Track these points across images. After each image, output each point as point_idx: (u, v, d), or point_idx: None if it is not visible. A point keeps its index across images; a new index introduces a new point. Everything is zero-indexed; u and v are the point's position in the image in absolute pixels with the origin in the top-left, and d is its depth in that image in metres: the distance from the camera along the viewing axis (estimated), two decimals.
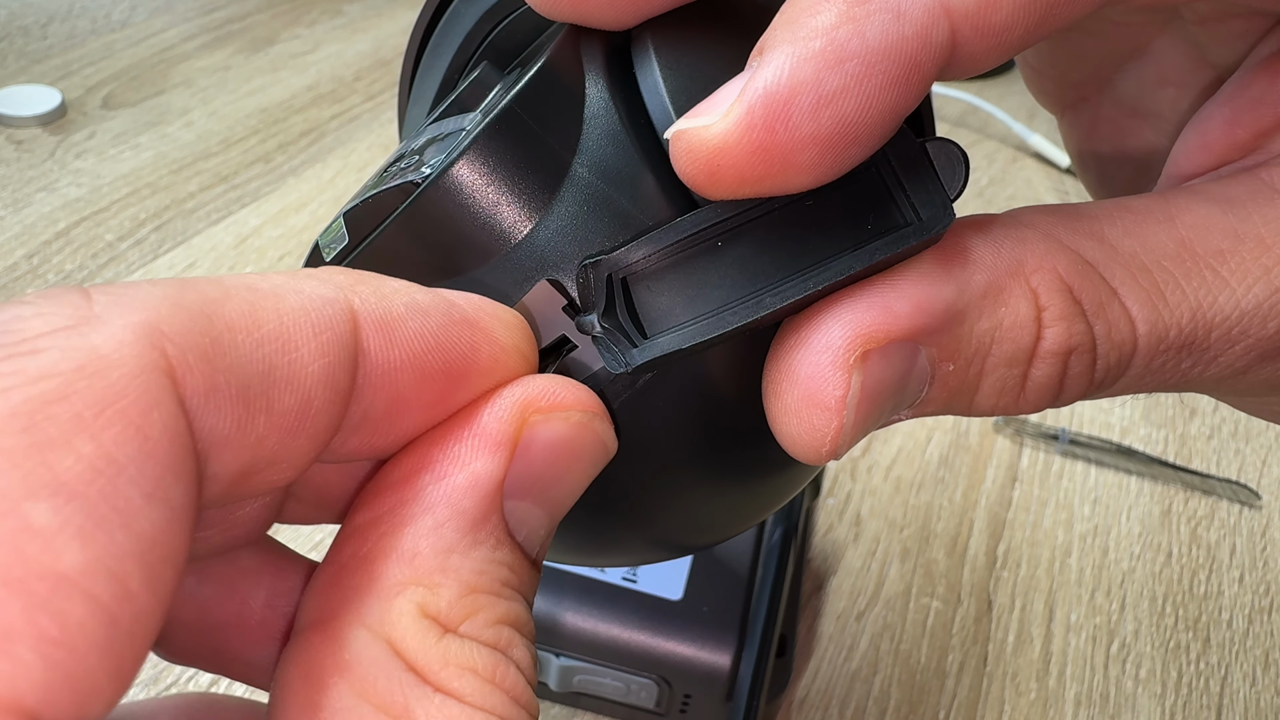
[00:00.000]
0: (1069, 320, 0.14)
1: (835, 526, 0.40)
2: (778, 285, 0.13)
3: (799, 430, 0.13)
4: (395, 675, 0.11)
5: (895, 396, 0.13)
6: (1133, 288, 0.14)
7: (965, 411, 0.14)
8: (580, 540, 0.17)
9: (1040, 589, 0.39)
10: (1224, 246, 0.14)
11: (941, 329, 0.13)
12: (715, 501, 0.17)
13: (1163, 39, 0.18)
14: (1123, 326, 0.14)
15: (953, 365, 0.14)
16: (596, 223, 0.14)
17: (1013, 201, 0.62)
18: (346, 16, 0.75)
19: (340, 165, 0.58)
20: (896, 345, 0.13)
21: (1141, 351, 0.14)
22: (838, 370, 0.13)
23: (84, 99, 0.60)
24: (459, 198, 0.14)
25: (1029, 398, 0.14)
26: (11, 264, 0.48)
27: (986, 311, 0.13)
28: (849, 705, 0.34)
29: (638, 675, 0.31)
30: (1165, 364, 0.14)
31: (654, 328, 0.13)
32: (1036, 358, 0.14)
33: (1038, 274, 0.14)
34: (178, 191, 0.54)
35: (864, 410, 0.13)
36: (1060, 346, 0.14)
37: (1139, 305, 0.14)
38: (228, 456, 0.10)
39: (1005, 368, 0.14)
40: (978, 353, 0.14)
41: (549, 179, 0.14)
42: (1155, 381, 0.15)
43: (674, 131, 0.12)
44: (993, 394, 0.14)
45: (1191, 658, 0.37)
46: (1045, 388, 0.14)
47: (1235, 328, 0.14)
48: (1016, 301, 0.14)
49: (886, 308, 0.13)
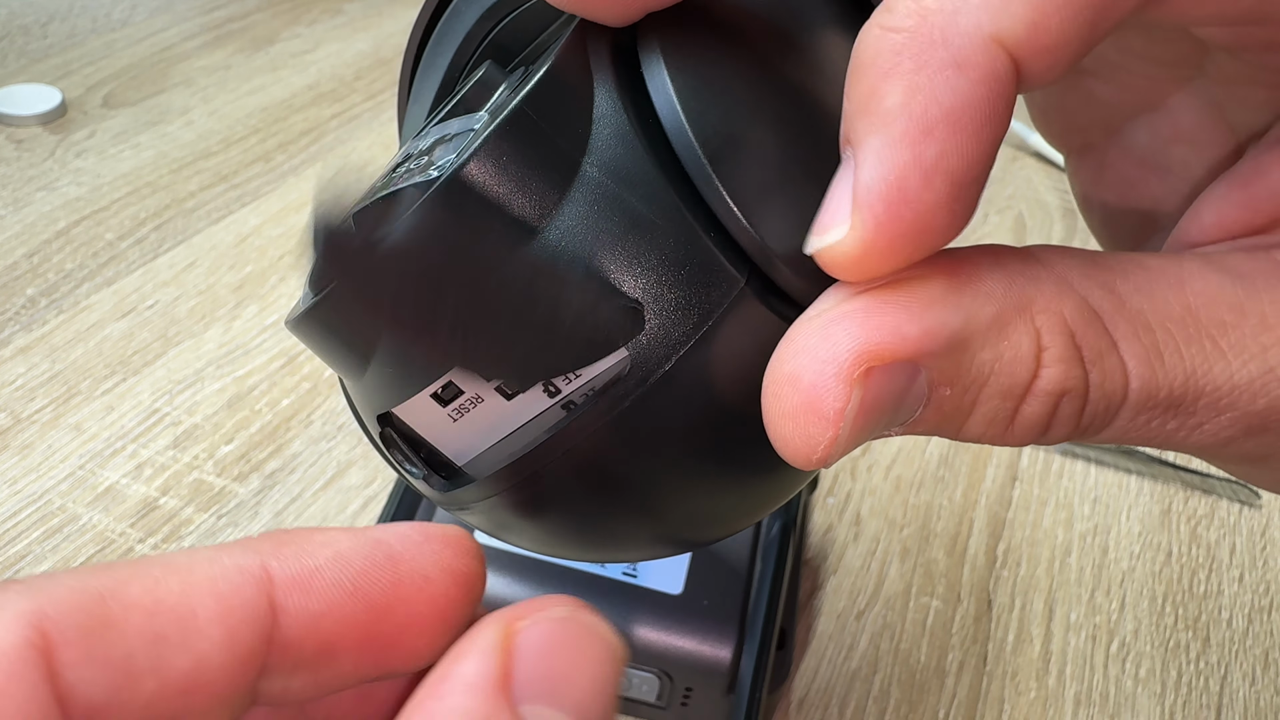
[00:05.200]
0: (1067, 364, 0.14)
1: (835, 526, 0.40)
2: None
3: (794, 436, 0.13)
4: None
5: (890, 414, 0.14)
6: (1133, 343, 0.14)
7: (952, 435, 0.15)
8: (581, 536, 0.17)
9: (1040, 588, 0.39)
10: (1227, 319, 0.14)
11: (944, 354, 0.13)
12: (717, 499, 0.17)
13: (1181, 95, 0.18)
14: (1116, 378, 0.14)
15: (949, 390, 0.14)
16: (606, 221, 0.14)
17: (1012, 201, 0.62)
18: (347, 15, 0.75)
19: (340, 165, 0.58)
20: (899, 365, 0.13)
21: (1130, 405, 0.14)
22: (840, 383, 0.13)
23: (84, 98, 0.60)
24: (469, 199, 0.14)
25: (1016, 432, 0.14)
26: (12, 263, 0.48)
27: (990, 343, 0.14)
28: (849, 704, 0.34)
29: (639, 669, 0.31)
30: (1151, 421, 0.14)
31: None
32: (1030, 395, 0.14)
33: (1044, 315, 0.14)
34: (178, 190, 0.54)
35: (859, 424, 0.13)
36: (1055, 387, 0.14)
37: (1136, 361, 0.14)
38: (116, 712, 0.12)
39: (998, 400, 0.14)
40: (975, 382, 0.14)
41: (559, 179, 0.14)
42: (1139, 435, 0.15)
43: (812, 251, 0.13)
44: (982, 423, 0.14)
45: (1191, 657, 0.37)
46: (1033, 425, 0.14)
47: (1224, 399, 0.14)
48: (1019, 338, 0.14)
49: (896, 329, 0.13)
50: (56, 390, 0.42)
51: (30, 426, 0.40)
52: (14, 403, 0.41)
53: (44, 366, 0.43)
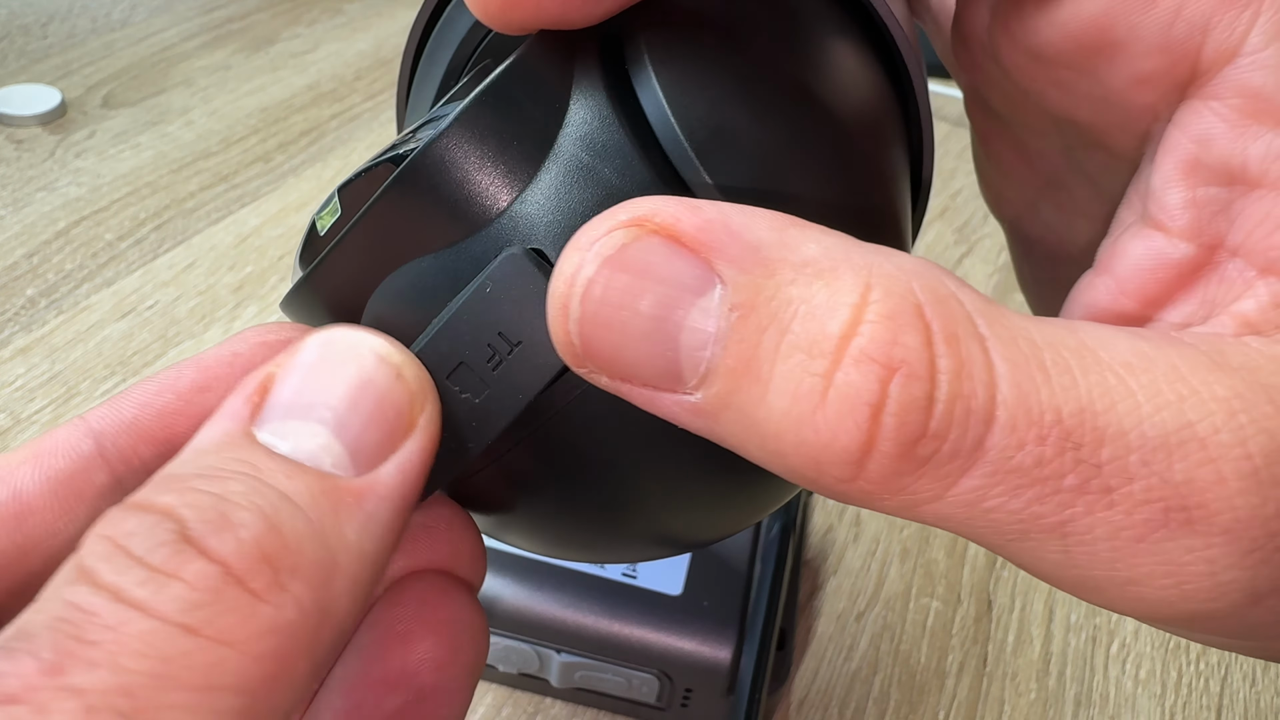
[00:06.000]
0: (898, 325, 0.11)
1: (835, 526, 0.40)
2: None
3: (552, 281, 0.12)
4: None
5: (664, 309, 0.11)
6: (1009, 347, 0.11)
7: (754, 411, 0.11)
8: (581, 538, 0.17)
9: (1040, 589, 0.39)
10: (1132, 361, 0.11)
11: (740, 263, 0.11)
12: (717, 499, 0.17)
13: (1069, 170, 0.18)
14: (978, 373, 0.11)
15: (743, 317, 0.11)
16: (580, 192, 0.14)
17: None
18: (346, 16, 0.75)
19: (340, 164, 0.58)
20: (685, 252, 0.11)
21: (1002, 423, 0.11)
22: (608, 219, 0.12)
23: (84, 98, 0.60)
24: (444, 168, 0.14)
25: (829, 414, 0.11)
26: (12, 263, 0.48)
27: (802, 279, 0.11)
28: (849, 705, 0.34)
29: (639, 670, 0.31)
30: (1041, 465, 0.11)
31: None
32: (846, 357, 0.11)
33: (883, 278, 0.11)
34: (178, 191, 0.54)
35: (616, 280, 0.11)
36: (878, 353, 0.11)
37: (1008, 365, 0.11)
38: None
39: (803, 354, 0.11)
40: (775, 319, 0.11)
41: (534, 150, 0.14)
42: (1028, 494, 0.11)
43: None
44: (787, 390, 0.11)
45: (1191, 658, 0.37)
46: (850, 404, 0.11)
47: (1135, 454, 0.11)
48: (840, 283, 0.11)
49: (693, 204, 0.12)
50: (56, 391, 0.42)
51: (30, 427, 0.40)
52: (14, 403, 0.41)
53: (44, 367, 0.43)
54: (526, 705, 0.34)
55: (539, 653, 0.31)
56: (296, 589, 0.11)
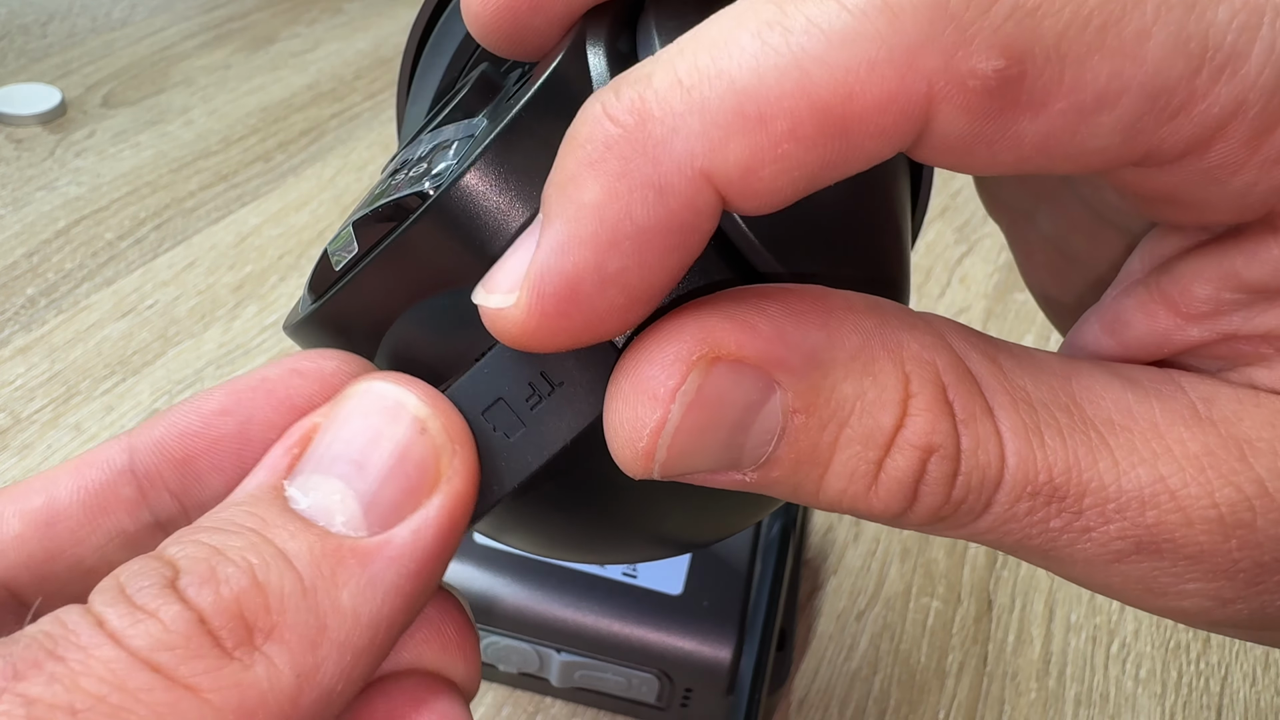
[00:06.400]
0: (935, 415, 0.13)
1: (835, 526, 0.40)
2: None
3: (620, 418, 0.12)
4: None
5: (735, 427, 0.13)
6: (1011, 416, 0.13)
7: (814, 491, 0.13)
8: (581, 538, 0.17)
9: (1040, 589, 0.39)
10: (1115, 418, 0.13)
11: (800, 371, 0.12)
12: (716, 499, 0.17)
13: (1066, 187, 0.18)
14: (991, 447, 0.13)
15: (805, 418, 0.13)
16: None
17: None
18: (346, 15, 0.75)
19: (340, 164, 0.58)
20: (750, 370, 0.12)
21: (1007, 486, 0.13)
22: (675, 362, 0.12)
23: (84, 97, 0.60)
24: (470, 207, 0.14)
25: (880, 493, 0.13)
26: (11, 263, 0.48)
27: (853, 376, 0.13)
28: (849, 705, 0.34)
29: (639, 670, 0.31)
30: (1033, 513, 0.13)
31: None
32: (895, 446, 0.13)
33: (914, 361, 0.13)
34: (178, 190, 0.54)
35: (694, 418, 0.12)
36: (922, 440, 0.13)
37: (1012, 434, 0.13)
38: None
39: (860, 445, 0.13)
40: (835, 415, 0.13)
41: None
42: (1021, 531, 0.13)
43: (478, 303, 0.12)
44: (844, 474, 0.13)
45: (1191, 658, 0.37)
46: (899, 484, 0.13)
47: (1111, 503, 0.13)
48: (886, 377, 0.13)
49: (748, 323, 0.12)
50: (56, 390, 0.42)
51: (30, 426, 0.40)
52: (13, 403, 0.41)
53: (43, 366, 0.43)
54: (526, 705, 0.34)
55: (539, 652, 0.31)
56: (271, 650, 0.11)
